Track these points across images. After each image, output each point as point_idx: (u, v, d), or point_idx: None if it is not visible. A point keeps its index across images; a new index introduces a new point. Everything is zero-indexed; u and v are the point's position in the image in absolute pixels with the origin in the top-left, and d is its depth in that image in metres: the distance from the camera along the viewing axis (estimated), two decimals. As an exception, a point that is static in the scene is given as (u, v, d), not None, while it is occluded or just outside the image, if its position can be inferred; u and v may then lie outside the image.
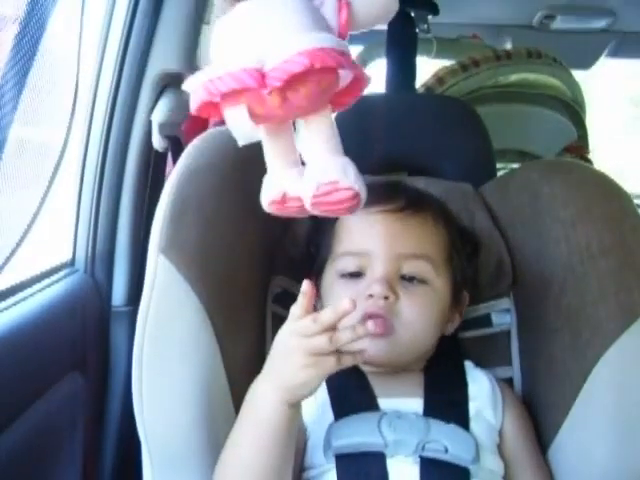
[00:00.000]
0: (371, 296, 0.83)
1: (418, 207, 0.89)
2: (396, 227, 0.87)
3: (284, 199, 0.67)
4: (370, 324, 0.78)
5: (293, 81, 0.58)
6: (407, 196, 0.90)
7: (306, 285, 0.71)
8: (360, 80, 0.64)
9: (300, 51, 0.57)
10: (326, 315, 0.70)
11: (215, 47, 0.63)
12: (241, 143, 0.63)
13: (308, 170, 0.64)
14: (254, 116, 0.60)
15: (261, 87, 0.58)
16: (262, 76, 0.58)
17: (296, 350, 0.70)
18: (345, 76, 0.63)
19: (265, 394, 0.74)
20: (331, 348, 0.69)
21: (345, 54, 0.59)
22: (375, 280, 0.84)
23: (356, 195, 0.63)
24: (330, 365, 0.70)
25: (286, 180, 0.66)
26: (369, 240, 0.87)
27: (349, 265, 0.87)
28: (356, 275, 0.86)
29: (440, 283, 0.88)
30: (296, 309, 0.72)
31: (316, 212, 0.65)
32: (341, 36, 0.63)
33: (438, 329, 0.89)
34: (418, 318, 0.85)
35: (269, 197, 0.68)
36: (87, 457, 1.14)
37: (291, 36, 0.59)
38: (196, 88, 0.60)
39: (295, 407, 0.74)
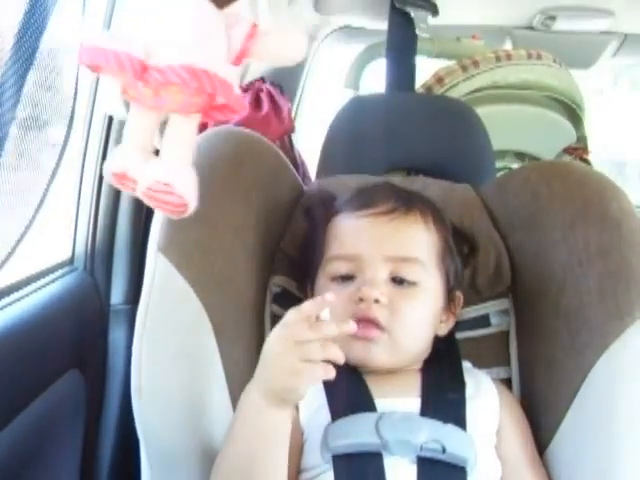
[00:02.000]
0: (361, 299, 0.83)
1: (408, 208, 0.90)
2: (385, 230, 0.87)
3: (123, 176, 0.68)
4: (358, 327, 0.77)
5: (168, 85, 0.60)
6: (396, 198, 0.90)
7: (310, 305, 0.72)
8: (232, 110, 0.66)
9: (185, 65, 0.59)
10: (307, 306, 0.71)
11: (124, 17, 0.66)
12: (108, 113, 0.66)
13: (153, 162, 0.66)
14: (125, 93, 0.63)
15: (137, 78, 0.60)
16: (143, 68, 0.60)
17: (285, 355, 0.70)
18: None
19: (254, 398, 0.73)
20: (320, 355, 0.69)
21: (226, 83, 0.62)
22: (365, 283, 0.84)
23: (184, 205, 0.66)
24: (318, 373, 0.70)
25: (132, 160, 0.67)
26: (359, 243, 0.87)
27: (340, 269, 0.87)
28: (347, 278, 0.86)
29: (431, 284, 0.88)
30: (291, 317, 0.72)
31: (145, 201, 0.67)
32: (237, 60, 0.67)
33: (431, 330, 0.89)
34: (410, 320, 0.85)
35: (112, 168, 0.69)
36: (85, 455, 1.14)
37: (187, 46, 0.62)
38: (86, 48, 0.62)
39: (285, 411, 0.74)
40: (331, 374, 0.70)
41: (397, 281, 0.86)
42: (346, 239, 0.88)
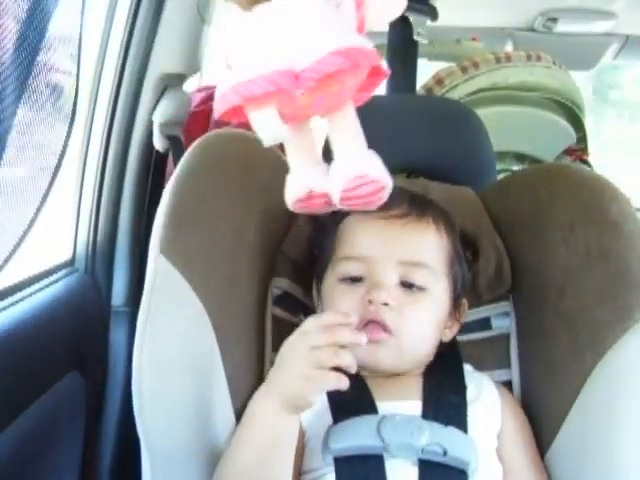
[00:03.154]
0: (370, 302, 0.83)
1: (421, 213, 0.89)
2: (398, 233, 0.87)
3: (310, 196, 0.67)
4: (368, 331, 0.79)
5: (325, 80, 0.58)
6: (410, 202, 0.90)
7: (332, 316, 0.73)
8: (380, 73, 0.64)
9: (332, 51, 0.58)
10: (329, 317, 0.72)
11: (235, 49, 0.64)
12: (268, 144, 0.64)
13: (335, 165, 0.65)
14: (281, 116, 0.61)
15: (295, 87, 0.59)
16: (295, 77, 0.58)
17: (299, 360, 0.71)
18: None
19: (267, 402, 0.74)
20: (333, 361, 0.70)
21: (372, 51, 0.60)
22: (375, 286, 0.84)
23: (383, 188, 0.64)
24: (330, 380, 0.70)
25: (312, 177, 0.67)
26: (371, 245, 0.86)
27: (350, 270, 0.86)
28: (356, 280, 0.86)
29: (439, 290, 0.88)
30: (310, 324, 0.73)
31: (344, 207, 0.66)
32: (360, 31, 0.64)
33: (437, 335, 0.89)
34: (417, 325, 0.85)
35: (295, 195, 0.68)
36: (86, 456, 1.14)
37: (320, 36, 0.60)
38: (226, 92, 0.60)
39: (296, 416, 0.75)
40: (343, 384, 0.70)
41: (406, 285, 0.86)
42: (358, 240, 0.88)
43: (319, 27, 0.61)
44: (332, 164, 0.66)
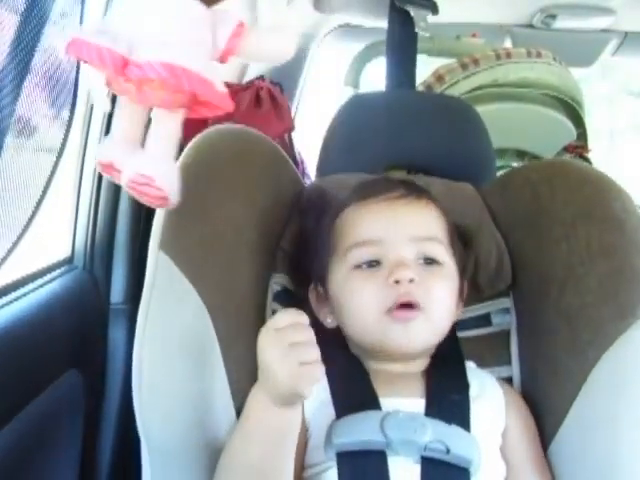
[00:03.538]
0: (396, 282, 0.82)
1: (419, 194, 0.90)
2: (404, 212, 0.87)
3: (110, 166, 0.69)
4: (397, 309, 0.81)
5: (148, 82, 0.62)
6: (404, 186, 0.91)
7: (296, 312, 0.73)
8: (216, 107, 0.67)
9: (164, 62, 0.60)
10: (294, 312, 0.73)
11: (116, 9, 0.68)
12: (96, 104, 0.67)
13: (137, 155, 0.68)
14: (110, 86, 0.65)
15: (118, 73, 0.62)
16: (124, 63, 0.61)
17: (283, 360, 0.70)
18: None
19: (264, 401, 0.74)
20: (315, 355, 0.70)
21: (206, 81, 0.63)
22: (397, 265, 0.83)
23: (164, 198, 0.67)
24: (317, 372, 0.70)
25: (118, 151, 0.69)
26: (381, 227, 0.86)
27: (363, 255, 0.85)
28: (371, 264, 0.85)
29: (452, 265, 0.88)
30: (283, 320, 0.72)
31: (128, 191, 0.68)
32: (223, 58, 0.68)
33: (455, 311, 0.89)
34: (443, 297, 0.85)
35: (99, 157, 0.71)
36: (85, 454, 1.14)
37: (167, 41, 0.63)
38: (74, 39, 0.63)
39: (296, 408, 0.74)
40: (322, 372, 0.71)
41: (425, 261, 0.86)
42: (365, 225, 0.87)
43: (174, 32, 0.64)
44: (137, 153, 0.69)
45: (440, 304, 0.85)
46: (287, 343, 0.70)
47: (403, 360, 0.87)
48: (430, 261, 0.86)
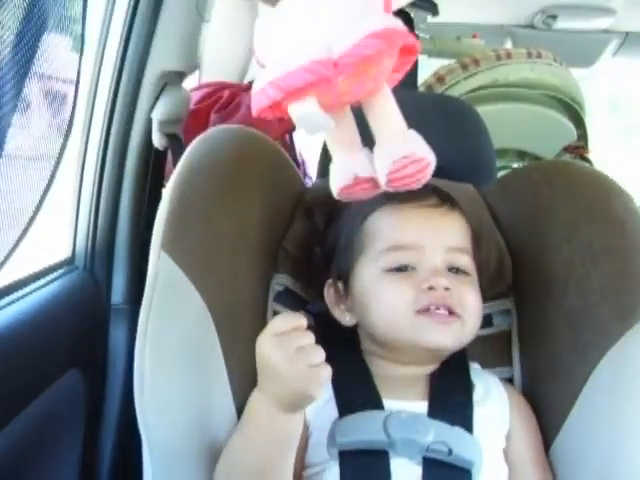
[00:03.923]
0: (431, 288, 0.83)
1: (451, 204, 0.91)
2: (441, 221, 0.88)
3: (356, 182, 0.67)
4: (434, 312, 0.82)
5: (363, 64, 0.58)
6: (438, 194, 0.91)
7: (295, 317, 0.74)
8: (411, 51, 0.64)
9: (367, 34, 0.57)
10: (293, 317, 0.74)
11: (268, 46, 0.63)
12: (313, 134, 0.64)
13: (380, 148, 0.65)
14: (321, 106, 0.60)
15: (335, 75, 0.58)
16: (334, 65, 0.58)
17: (291, 363, 0.70)
18: None
19: (265, 407, 0.74)
20: (321, 357, 0.70)
21: (404, 29, 0.60)
22: (433, 272, 0.84)
23: (428, 165, 0.64)
24: (325, 374, 0.71)
25: (356, 163, 0.67)
26: (419, 233, 0.86)
27: (399, 259, 0.86)
28: (402, 269, 0.85)
29: (475, 274, 0.89)
30: (281, 325, 0.72)
31: (390, 189, 0.66)
32: (387, 9, 0.63)
33: None
34: (475, 305, 0.87)
35: (340, 183, 0.68)
36: (86, 455, 1.14)
37: (353, 20, 0.59)
38: (265, 88, 0.60)
39: (299, 414, 0.75)
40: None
41: (453, 270, 0.87)
42: (403, 229, 0.87)
43: (350, 11, 0.60)
44: (376, 147, 0.66)
45: (473, 312, 0.86)
46: (293, 347, 0.70)
47: (416, 363, 0.87)
48: (457, 270, 0.87)
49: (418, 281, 0.84)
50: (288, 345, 0.70)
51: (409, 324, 0.82)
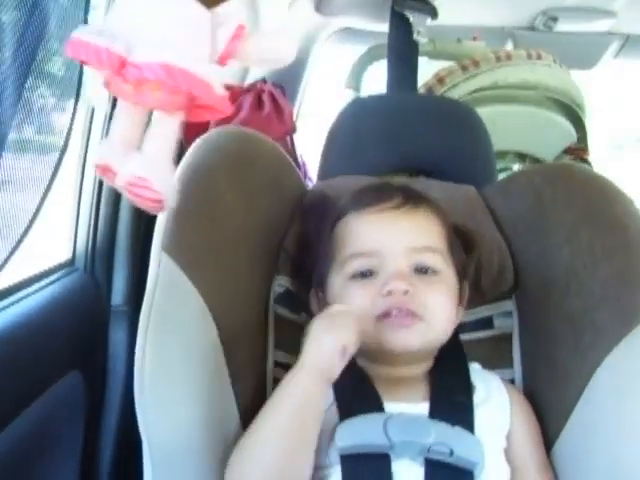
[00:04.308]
0: (390, 293, 0.83)
1: (416, 202, 0.90)
2: (402, 222, 0.88)
3: (106, 168, 0.68)
4: (394, 315, 0.82)
5: (146, 82, 0.61)
6: (403, 193, 0.91)
7: None
8: (215, 110, 0.67)
9: (162, 63, 0.60)
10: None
11: (115, 9, 0.66)
12: (93, 102, 0.66)
13: (134, 157, 0.67)
14: (109, 87, 0.64)
15: (116, 74, 0.61)
16: (122, 64, 0.61)
17: (333, 338, 0.75)
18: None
19: (301, 372, 0.76)
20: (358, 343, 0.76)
21: (204, 83, 0.62)
22: (391, 277, 0.84)
23: (159, 201, 0.66)
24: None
25: (115, 153, 0.68)
26: (378, 239, 0.86)
27: (360, 266, 0.86)
28: (368, 274, 0.86)
29: (449, 272, 0.88)
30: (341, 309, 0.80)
31: (123, 193, 0.68)
32: (222, 60, 0.67)
33: (454, 318, 0.89)
34: (441, 305, 0.86)
35: (95, 159, 0.70)
36: (86, 456, 1.14)
37: (166, 44, 0.62)
38: (74, 39, 0.62)
39: (327, 386, 0.78)
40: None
41: (421, 270, 0.86)
42: (363, 236, 0.88)
43: (173, 33, 0.63)
44: (134, 154, 0.68)
45: (437, 312, 0.85)
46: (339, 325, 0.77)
47: (404, 363, 0.87)
48: (426, 270, 0.86)
49: (378, 286, 0.84)
50: (336, 323, 0.77)
51: (372, 330, 0.82)
